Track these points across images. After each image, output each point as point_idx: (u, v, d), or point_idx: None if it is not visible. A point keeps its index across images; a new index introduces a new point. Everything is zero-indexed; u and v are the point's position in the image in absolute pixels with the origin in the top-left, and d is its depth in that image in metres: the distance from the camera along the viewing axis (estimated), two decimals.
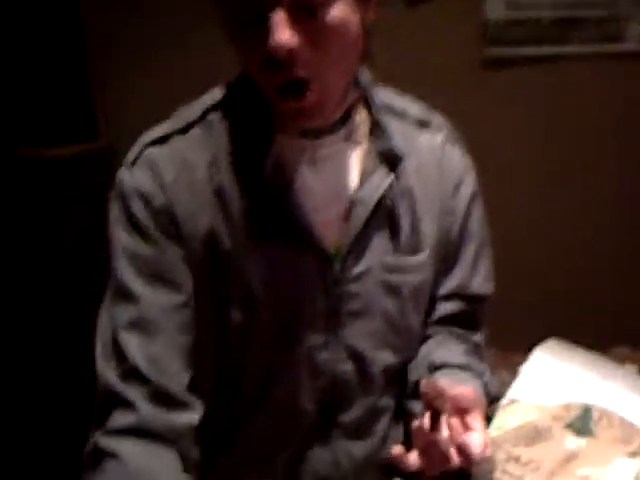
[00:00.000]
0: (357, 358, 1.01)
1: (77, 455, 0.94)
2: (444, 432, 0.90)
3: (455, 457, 0.89)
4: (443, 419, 0.90)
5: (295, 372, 0.99)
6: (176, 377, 0.92)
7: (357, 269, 0.98)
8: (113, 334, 0.92)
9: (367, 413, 1.04)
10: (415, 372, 1.05)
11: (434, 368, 1.02)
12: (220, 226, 0.93)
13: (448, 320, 1.08)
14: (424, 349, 1.07)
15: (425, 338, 1.08)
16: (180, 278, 0.93)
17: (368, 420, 1.04)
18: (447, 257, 1.05)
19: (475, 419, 0.91)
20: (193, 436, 0.93)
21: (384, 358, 1.03)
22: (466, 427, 0.90)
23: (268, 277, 0.94)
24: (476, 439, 0.89)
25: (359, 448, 1.05)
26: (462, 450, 0.89)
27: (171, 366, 0.92)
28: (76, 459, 0.95)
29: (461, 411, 0.90)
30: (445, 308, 1.07)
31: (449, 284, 1.07)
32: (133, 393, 0.90)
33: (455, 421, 0.90)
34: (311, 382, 0.99)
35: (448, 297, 1.07)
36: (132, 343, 0.91)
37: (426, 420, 0.92)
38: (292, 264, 0.95)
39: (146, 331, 0.91)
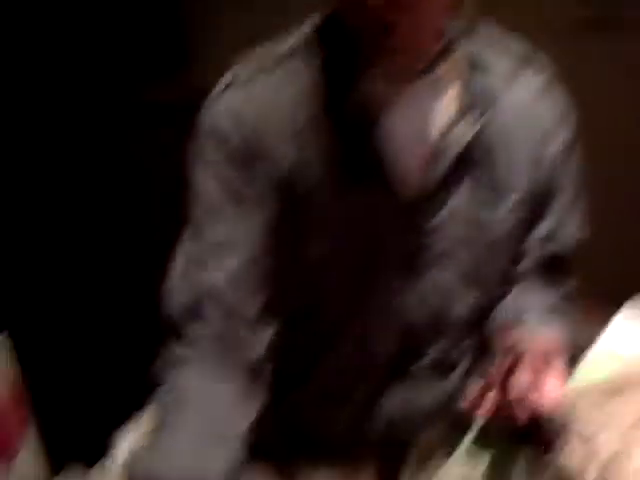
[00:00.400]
0: (433, 305, 1.00)
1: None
2: (516, 385, 0.89)
3: (526, 411, 0.89)
4: (517, 371, 0.89)
5: (370, 314, 0.99)
6: (251, 300, 0.94)
7: (439, 216, 0.96)
8: (189, 258, 0.95)
9: (444, 357, 1.04)
10: (498, 318, 1.04)
11: (517, 317, 1.01)
12: (301, 164, 0.93)
13: (537, 268, 1.06)
14: (508, 298, 1.06)
15: (512, 284, 1.06)
16: (258, 208, 0.93)
17: (445, 364, 1.05)
18: (538, 206, 1.03)
19: (553, 372, 0.90)
20: (262, 362, 0.95)
21: (463, 305, 1.02)
22: (542, 380, 0.89)
23: (347, 219, 0.94)
24: (551, 392, 0.88)
25: (435, 391, 1.06)
26: (534, 404, 0.88)
27: (247, 288, 0.94)
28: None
29: (539, 362, 0.90)
30: (534, 256, 1.05)
31: (539, 232, 1.04)
32: (207, 310, 0.92)
33: (529, 375, 0.89)
34: (385, 326, 1.00)
35: (538, 245, 1.05)
36: (204, 269, 0.93)
37: (499, 371, 0.92)
38: (371, 207, 0.94)
39: (222, 256, 0.93)
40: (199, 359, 0.92)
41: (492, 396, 0.92)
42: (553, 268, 1.06)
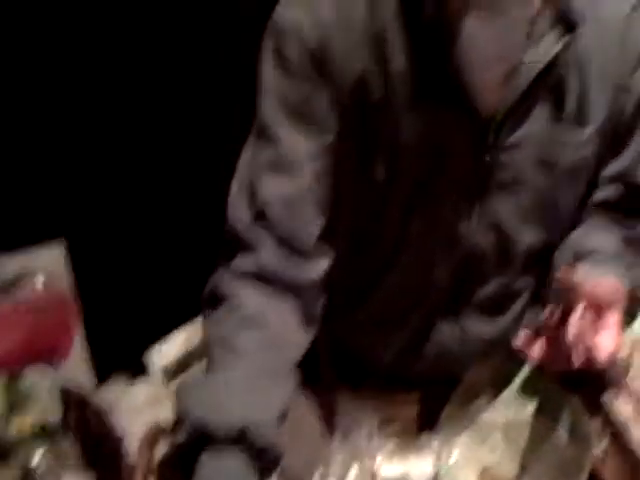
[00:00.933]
0: (499, 232, 0.98)
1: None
2: (572, 329, 0.86)
3: (578, 359, 0.86)
4: (574, 314, 0.86)
5: (432, 238, 0.97)
6: (307, 225, 0.93)
7: (512, 138, 0.93)
8: (250, 173, 0.93)
9: (502, 292, 1.02)
10: (562, 256, 1.00)
11: (582, 254, 0.97)
12: (374, 73, 0.89)
13: (609, 205, 1.02)
14: (577, 233, 1.02)
15: (581, 222, 1.03)
16: (325, 123, 0.91)
17: (502, 299, 1.03)
18: (617, 138, 0.98)
19: (612, 317, 0.87)
20: (317, 288, 0.94)
21: (528, 235, 0.99)
22: (600, 325, 0.87)
23: (417, 134, 0.91)
24: (606, 341, 0.86)
25: (489, 326, 1.04)
26: (587, 352, 0.86)
27: (303, 213, 0.92)
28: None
29: (598, 307, 0.87)
30: (607, 191, 1.01)
31: (615, 166, 1.00)
32: (260, 236, 0.91)
33: (587, 319, 0.86)
34: (447, 251, 0.98)
35: (612, 180, 1.01)
36: (267, 184, 0.91)
37: (556, 312, 0.89)
38: (443, 123, 0.91)
39: (283, 173, 0.91)
40: (256, 278, 0.91)
41: (545, 339, 0.90)
42: (625, 207, 1.02)
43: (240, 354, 0.87)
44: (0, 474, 1.07)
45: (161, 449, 0.91)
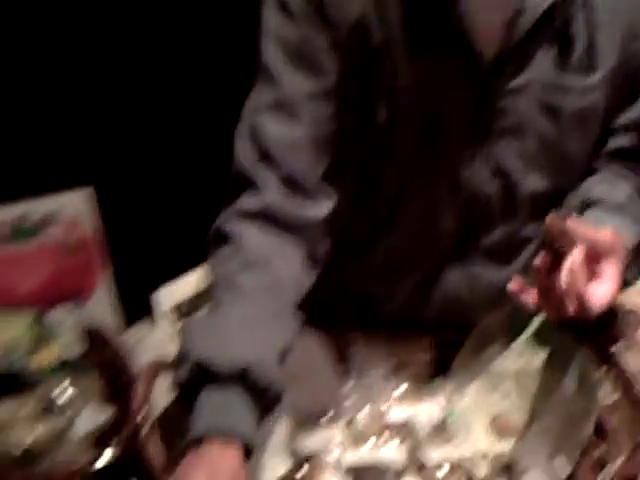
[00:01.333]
0: (503, 178, 0.97)
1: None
2: (565, 275, 0.85)
3: (570, 306, 0.85)
4: (567, 260, 0.85)
5: (436, 186, 0.97)
6: (310, 166, 0.93)
7: (514, 83, 0.92)
8: (253, 114, 0.94)
9: (509, 240, 1.02)
10: (569, 205, 1.00)
11: (588, 203, 0.97)
12: (373, 16, 0.89)
13: (621, 154, 1.01)
14: (587, 182, 1.01)
15: (592, 172, 1.02)
16: (326, 64, 0.91)
17: (509, 247, 1.02)
18: (629, 86, 0.97)
19: (608, 267, 0.86)
20: (321, 230, 0.95)
21: (533, 182, 0.99)
22: (595, 274, 0.86)
23: (417, 80, 0.91)
24: (600, 290, 0.86)
25: (498, 274, 1.03)
26: (579, 300, 0.85)
27: (306, 154, 0.93)
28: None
29: (594, 256, 0.86)
30: (620, 141, 1.01)
31: (629, 115, 0.99)
32: (264, 176, 0.92)
33: (579, 266, 0.85)
34: (452, 199, 0.98)
35: (626, 129, 1.00)
36: (269, 125, 0.92)
37: (547, 259, 0.88)
38: (445, 68, 0.91)
39: (285, 116, 0.92)
40: (261, 217, 0.92)
41: (538, 285, 0.89)
42: (635, 158, 1.01)
43: (242, 294, 0.88)
44: (23, 405, 1.11)
45: (161, 383, 0.92)
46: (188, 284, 1.00)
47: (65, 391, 1.12)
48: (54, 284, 1.34)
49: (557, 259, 0.86)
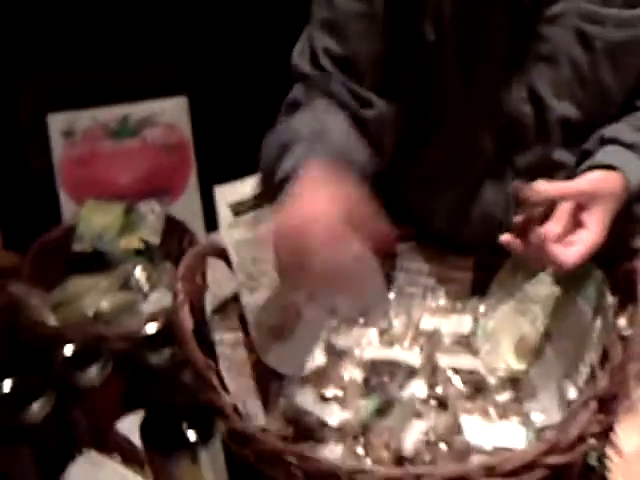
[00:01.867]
0: (537, 102, 1.00)
1: None
2: (535, 237, 0.87)
3: (548, 263, 0.88)
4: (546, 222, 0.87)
5: (475, 106, 1.01)
6: (364, 77, 1.00)
7: (552, 10, 0.95)
8: (311, 28, 1.02)
9: (543, 162, 1.04)
10: (590, 141, 1.01)
11: (601, 142, 0.98)
12: None
13: None
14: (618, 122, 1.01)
15: (633, 109, 1.02)
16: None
17: (543, 169, 1.04)
18: None
19: (590, 216, 0.89)
20: (381, 128, 1.01)
21: (564, 109, 1.01)
22: (579, 224, 0.89)
23: (461, 3, 0.95)
24: (580, 238, 0.88)
25: None
26: (550, 261, 0.87)
27: (359, 68, 1.00)
28: None
29: (579, 206, 0.89)
30: None
31: None
32: (325, 80, 1.00)
33: (552, 226, 0.88)
34: (489, 119, 1.02)
35: None
36: (323, 42, 1.00)
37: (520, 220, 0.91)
38: None
39: (337, 33, 0.99)
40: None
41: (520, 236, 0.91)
42: None
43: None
44: (106, 279, 1.27)
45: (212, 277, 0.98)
46: (250, 184, 1.07)
47: (142, 273, 1.26)
48: (148, 180, 1.47)
49: (528, 222, 0.90)
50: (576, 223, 0.89)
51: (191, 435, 0.77)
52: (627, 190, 0.92)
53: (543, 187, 0.87)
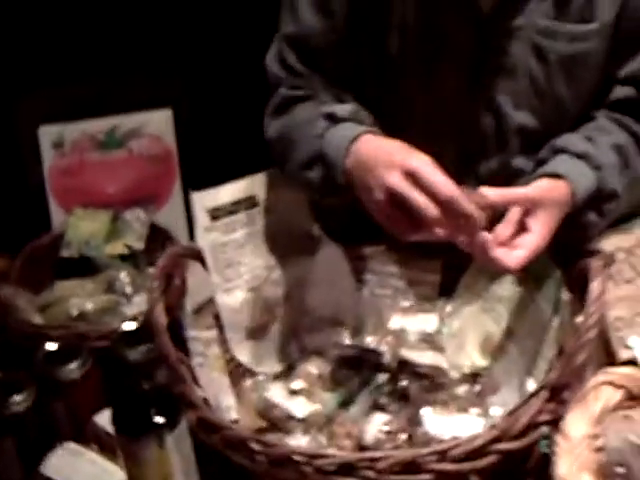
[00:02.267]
0: (496, 112, 1.04)
1: None
2: (481, 238, 0.89)
3: (492, 265, 0.90)
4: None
5: (438, 117, 1.06)
6: (329, 90, 1.07)
7: (511, 25, 0.99)
8: (279, 40, 1.09)
9: (503, 169, 1.08)
10: (544, 150, 1.04)
11: (553, 151, 1.01)
12: None
13: (617, 106, 1.04)
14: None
15: (588, 119, 1.06)
16: (334, 5, 1.02)
17: (504, 176, 1.08)
18: (630, 38, 1.00)
19: (534, 221, 0.91)
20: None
21: (522, 118, 1.05)
22: (524, 228, 0.91)
23: (424, 16, 1.00)
24: (523, 242, 0.90)
25: None
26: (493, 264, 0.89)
27: (325, 81, 1.07)
28: None
29: (526, 211, 0.92)
30: (618, 92, 1.04)
31: (629, 67, 1.02)
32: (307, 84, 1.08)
33: (500, 229, 0.91)
34: (452, 128, 1.06)
35: (624, 81, 1.03)
36: (289, 57, 1.07)
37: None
38: (448, 7, 0.98)
39: (301, 48, 1.06)
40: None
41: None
42: (635, 110, 1.04)
43: None
44: (92, 283, 1.32)
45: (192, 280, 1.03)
46: (227, 191, 1.13)
47: (126, 278, 1.31)
48: (134, 189, 1.52)
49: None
50: (522, 228, 0.93)
51: (158, 420, 0.81)
52: (574, 197, 0.95)
53: (490, 192, 0.90)
